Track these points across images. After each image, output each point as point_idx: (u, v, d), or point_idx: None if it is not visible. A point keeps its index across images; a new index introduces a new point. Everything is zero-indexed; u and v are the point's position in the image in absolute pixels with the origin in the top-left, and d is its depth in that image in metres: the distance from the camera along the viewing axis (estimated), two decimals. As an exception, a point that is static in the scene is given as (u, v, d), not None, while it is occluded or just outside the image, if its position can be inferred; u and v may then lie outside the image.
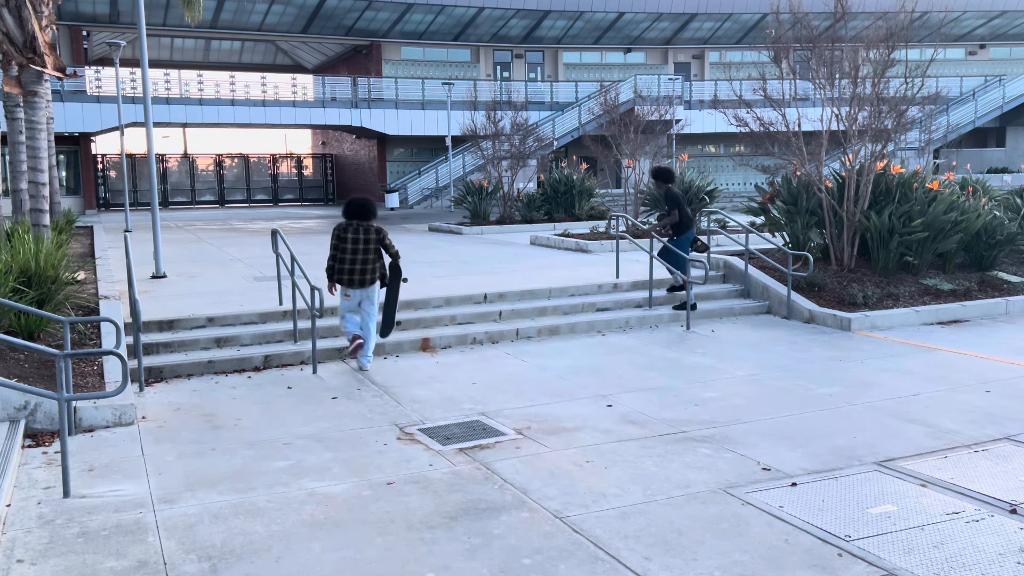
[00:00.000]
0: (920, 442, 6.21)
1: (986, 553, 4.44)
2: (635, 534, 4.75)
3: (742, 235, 12.49)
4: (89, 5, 35.32)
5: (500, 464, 5.90)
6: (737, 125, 13.01)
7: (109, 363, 7.82)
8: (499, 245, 18.87)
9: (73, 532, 4.88)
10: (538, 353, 9.39)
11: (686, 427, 6.66)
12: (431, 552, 4.58)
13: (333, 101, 37.30)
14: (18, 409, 6.62)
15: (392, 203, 36.51)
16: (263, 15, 38.26)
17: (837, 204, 11.96)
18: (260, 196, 45.09)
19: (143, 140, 44.50)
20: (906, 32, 11.82)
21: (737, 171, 39.86)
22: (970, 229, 11.96)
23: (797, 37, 12.45)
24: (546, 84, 41.27)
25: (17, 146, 14.26)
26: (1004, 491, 5.25)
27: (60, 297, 9.26)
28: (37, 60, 13.00)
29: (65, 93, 32.18)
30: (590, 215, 24.15)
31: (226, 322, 9.73)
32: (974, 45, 47.60)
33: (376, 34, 40.29)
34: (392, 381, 8.24)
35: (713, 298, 11.80)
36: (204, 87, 36.13)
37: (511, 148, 24.69)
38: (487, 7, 38.54)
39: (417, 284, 12.10)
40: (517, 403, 7.42)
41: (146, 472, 5.85)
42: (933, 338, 9.92)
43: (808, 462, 5.82)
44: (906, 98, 12.08)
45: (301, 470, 5.84)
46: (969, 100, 41.53)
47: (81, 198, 36.03)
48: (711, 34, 44.20)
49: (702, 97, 40.14)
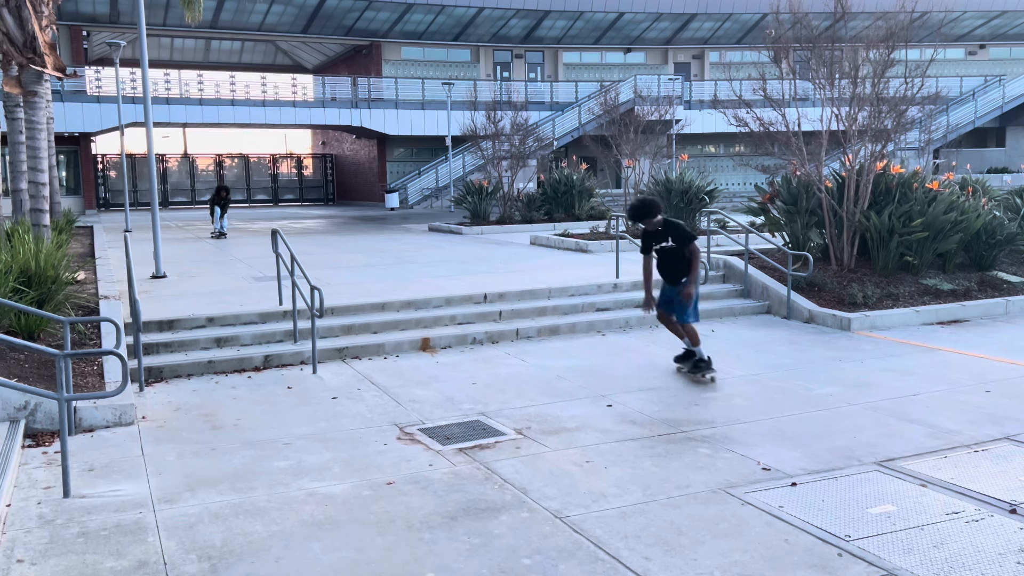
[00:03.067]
0: (920, 442, 6.21)
1: (986, 553, 4.44)
2: (635, 534, 4.75)
3: (742, 235, 12.48)
4: (89, 5, 35.31)
5: (500, 464, 5.90)
6: (737, 125, 13.02)
7: (109, 363, 7.82)
8: (499, 245, 18.87)
9: (73, 532, 4.88)
10: (538, 353, 9.39)
11: (686, 427, 6.66)
12: (431, 552, 4.58)
13: (333, 101, 37.31)
14: (18, 409, 6.62)
15: (392, 203, 36.52)
16: (263, 15, 38.26)
17: (837, 204, 11.96)
18: (260, 196, 45.12)
19: (143, 140, 44.57)
20: (906, 32, 11.82)
21: (737, 171, 39.87)
22: (970, 229, 11.96)
23: (797, 37, 12.45)
24: (546, 84, 41.28)
25: (17, 146, 14.26)
26: (1004, 491, 5.25)
27: (60, 297, 9.26)
28: (37, 60, 13.00)
29: (65, 93, 32.18)
30: (590, 215, 24.16)
31: (226, 322, 9.73)
32: (974, 45, 47.60)
33: (376, 34, 40.29)
34: (392, 381, 8.24)
35: (713, 298, 11.79)
36: (204, 87, 36.13)
37: (511, 148, 24.70)
38: (487, 7, 38.55)
39: (417, 284, 12.11)
40: (517, 403, 7.42)
41: (146, 472, 5.85)
42: (933, 338, 9.92)
43: (808, 462, 5.82)
44: (906, 98, 12.08)
45: (301, 470, 5.84)
46: (969, 100, 41.54)
47: (81, 198, 36.04)
48: (711, 34, 44.20)
49: (702, 97, 40.15)
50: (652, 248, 8.22)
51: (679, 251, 8.06)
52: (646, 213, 8.06)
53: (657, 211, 8.04)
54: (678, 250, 8.06)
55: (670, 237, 8.11)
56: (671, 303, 8.28)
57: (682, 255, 8.06)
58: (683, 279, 8.07)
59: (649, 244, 8.26)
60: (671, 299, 8.25)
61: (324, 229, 25.49)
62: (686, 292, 7.97)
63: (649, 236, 8.20)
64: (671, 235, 8.11)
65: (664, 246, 8.13)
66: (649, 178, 20.72)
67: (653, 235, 8.16)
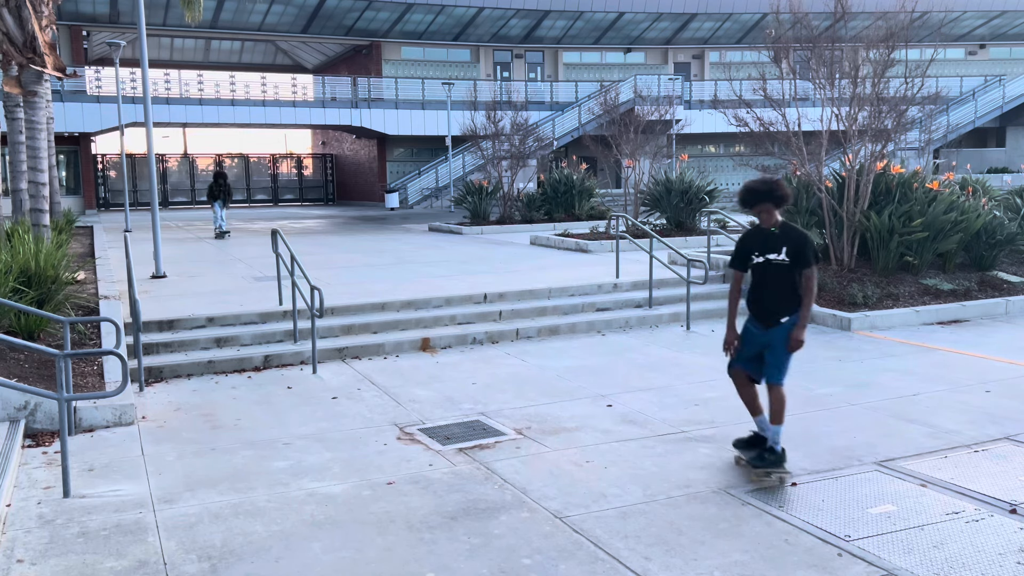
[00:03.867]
0: (920, 442, 6.21)
1: (986, 553, 4.44)
2: (635, 534, 4.75)
3: (742, 235, 12.47)
4: (89, 5, 35.31)
5: (500, 464, 5.89)
6: (737, 125, 13.02)
7: (109, 363, 7.82)
8: (499, 245, 18.87)
9: (73, 532, 4.87)
10: (538, 353, 9.38)
11: (686, 427, 6.66)
12: (431, 552, 4.57)
13: (333, 101, 37.31)
14: (18, 409, 6.62)
15: (392, 203, 36.54)
16: (263, 15, 38.26)
17: (837, 204, 11.96)
18: (260, 196, 45.11)
19: (143, 140, 44.51)
20: (906, 32, 11.83)
21: (737, 171, 39.85)
22: (970, 229, 11.96)
23: (797, 37, 12.46)
24: (546, 84, 41.27)
25: (17, 146, 14.26)
26: (1004, 491, 5.25)
27: (60, 297, 9.26)
28: (37, 60, 13.00)
29: (65, 93, 32.18)
30: (590, 215, 24.16)
31: (226, 322, 9.73)
32: (974, 45, 47.60)
33: (376, 34, 40.29)
34: (392, 381, 8.24)
35: (713, 298, 11.79)
36: (204, 87, 36.13)
37: (511, 148, 24.70)
38: (487, 7, 38.55)
39: (417, 284, 12.11)
40: (517, 403, 7.42)
41: (146, 472, 5.85)
42: (933, 338, 9.92)
43: (808, 462, 5.82)
44: (906, 98, 12.09)
45: (301, 470, 5.84)
46: (969, 100, 41.53)
47: (81, 198, 36.03)
48: (711, 34, 44.19)
49: (702, 97, 40.13)
50: (752, 260, 5.70)
51: (790, 273, 5.59)
52: (767, 198, 5.58)
53: (783, 201, 5.59)
54: (789, 271, 5.59)
55: (785, 248, 5.56)
56: (756, 356, 5.76)
57: (792, 280, 5.60)
58: (785, 317, 5.61)
59: (748, 254, 5.73)
60: (759, 348, 5.74)
61: (324, 229, 25.48)
62: (796, 337, 5.56)
63: (753, 241, 5.74)
64: (788, 245, 5.57)
65: (772, 260, 5.61)
66: (649, 178, 20.73)
67: (759, 240, 5.70)
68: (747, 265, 5.74)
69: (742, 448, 5.91)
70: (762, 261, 5.65)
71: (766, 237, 5.66)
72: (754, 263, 5.70)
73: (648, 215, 20.03)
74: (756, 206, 5.64)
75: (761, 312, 5.70)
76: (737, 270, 5.84)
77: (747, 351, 5.79)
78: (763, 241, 5.67)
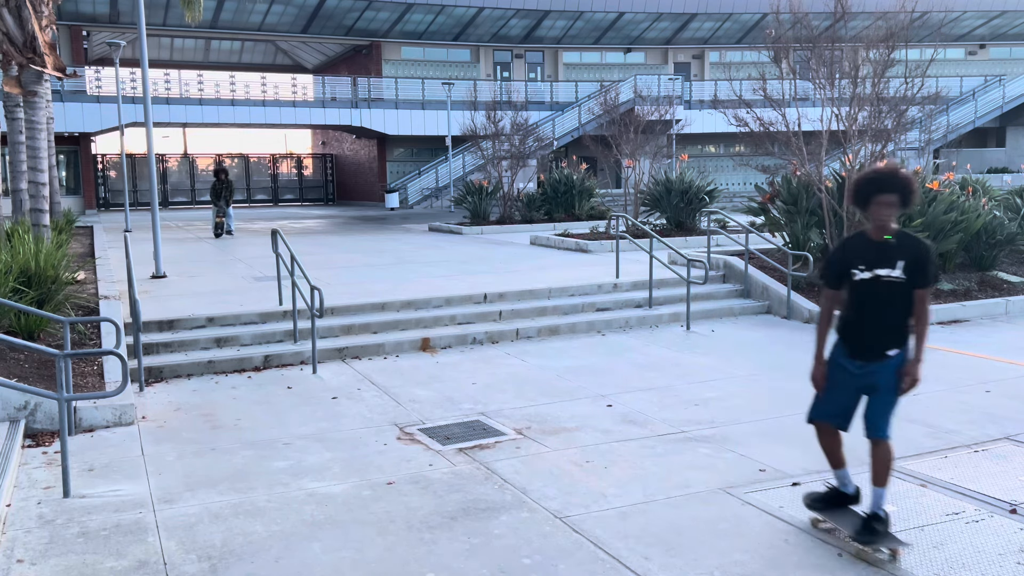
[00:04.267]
0: (920, 442, 6.21)
1: (986, 553, 4.44)
2: (635, 534, 4.75)
3: (742, 235, 12.49)
4: (89, 5, 35.32)
5: (500, 464, 5.89)
6: (737, 125, 13.02)
7: (109, 363, 7.82)
8: (499, 245, 18.87)
9: (73, 532, 4.87)
10: (538, 353, 9.38)
11: (686, 427, 6.66)
12: (431, 552, 4.57)
13: (333, 101, 37.31)
14: (18, 409, 6.62)
15: (392, 203, 36.57)
16: (263, 15, 38.26)
17: (837, 204, 11.96)
18: (260, 196, 45.11)
19: (143, 140, 44.49)
20: (906, 32, 11.82)
21: (737, 171, 39.85)
22: (970, 229, 11.96)
23: (797, 37, 12.45)
24: (546, 84, 41.28)
25: (17, 146, 14.26)
26: (1004, 491, 5.25)
27: (60, 297, 9.26)
28: (37, 60, 13.00)
29: (65, 93, 32.18)
30: (590, 215, 24.16)
31: (226, 322, 9.73)
32: (974, 45, 47.60)
33: (376, 34, 40.29)
34: (392, 381, 8.24)
35: (713, 298, 11.80)
36: (204, 87, 36.13)
37: (511, 148, 24.70)
38: (487, 7, 38.55)
39: (417, 284, 12.11)
40: (517, 403, 7.42)
41: (146, 472, 5.85)
42: (933, 338, 9.90)
43: (808, 462, 5.82)
44: (906, 98, 12.09)
45: (301, 470, 5.84)
46: (969, 100, 41.53)
47: (81, 198, 36.04)
48: (711, 34, 44.20)
49: (702, 97, 40.13)
50: (853, 276, 4.50)
51: (904, 294, 4.43)
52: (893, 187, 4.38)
53: (910, 199, 4.45)
54: (903, 291, 4.42)
55: (902, 263, 4.39)
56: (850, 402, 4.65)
57: (906, 302, 4.44)
58: (894, 350, 4.49)
59: (849, 267, 4.51)
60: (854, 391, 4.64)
61: (324, 229, 25.49)
62: (912, 375, 4.47)
63: (856, 252, 4.52)
64: (905, 259, 4.39)
65: (883, 277, 4.43)
66: (649, 178, 20.72)
67: (867, 251, 4.48)
68: (844, 282, 4.54)
69: (824, 509, 4.76)
70: (869, 277, 4.42)
71: (877, 247, 4.43)
72: (856, 279, 4.46)
73: (648, 215, 20.03)
74: (876, 199, 4.37)
75: (861, 344, 4.51)
76: (831, 288, 4.63)
77: (838, 397, 4.63)
78: (872, 252, 4.43)
